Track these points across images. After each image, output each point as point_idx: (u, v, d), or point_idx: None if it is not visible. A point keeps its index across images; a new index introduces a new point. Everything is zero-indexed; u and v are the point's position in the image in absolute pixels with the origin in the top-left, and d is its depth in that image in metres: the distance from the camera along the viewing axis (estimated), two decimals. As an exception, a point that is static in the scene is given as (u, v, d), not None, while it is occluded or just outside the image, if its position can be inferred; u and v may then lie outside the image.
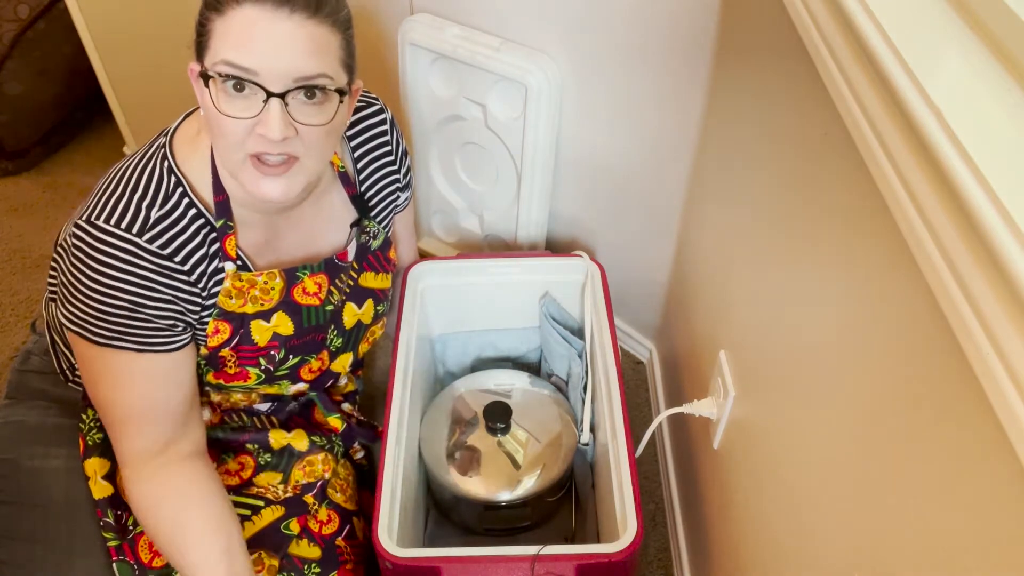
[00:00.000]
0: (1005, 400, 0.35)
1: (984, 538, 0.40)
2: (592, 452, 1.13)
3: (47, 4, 1.80)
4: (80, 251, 0.76)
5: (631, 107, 1.18)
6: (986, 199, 0.38)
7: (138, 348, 0.79)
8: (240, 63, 0.69)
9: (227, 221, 0.82)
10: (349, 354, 1.00)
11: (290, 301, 0.89)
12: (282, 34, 0.69)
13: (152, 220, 0.77)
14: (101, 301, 0.76)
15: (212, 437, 0.96)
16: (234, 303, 0.85)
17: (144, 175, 0.79)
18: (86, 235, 0.76)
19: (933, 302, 0.45)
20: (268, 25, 0.69)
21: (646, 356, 1.52)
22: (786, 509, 0.72)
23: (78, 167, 2.02)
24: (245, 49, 0.69)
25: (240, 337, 0.87)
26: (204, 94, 0.73)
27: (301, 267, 0.90)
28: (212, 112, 0.72)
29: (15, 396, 0.98)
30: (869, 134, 0.50)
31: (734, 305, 0.93)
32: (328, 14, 0.72)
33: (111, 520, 0.88)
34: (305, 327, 0.92)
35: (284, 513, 0.92)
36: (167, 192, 0.79)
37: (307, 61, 0.71)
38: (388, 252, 1.03)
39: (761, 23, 0.84)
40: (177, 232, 0.79)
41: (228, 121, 0.71)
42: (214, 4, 0.70)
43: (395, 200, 1.02)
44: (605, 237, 1.40)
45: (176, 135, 0.83)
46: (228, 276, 0.83)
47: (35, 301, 1.63)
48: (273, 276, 0.87)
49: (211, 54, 0.71)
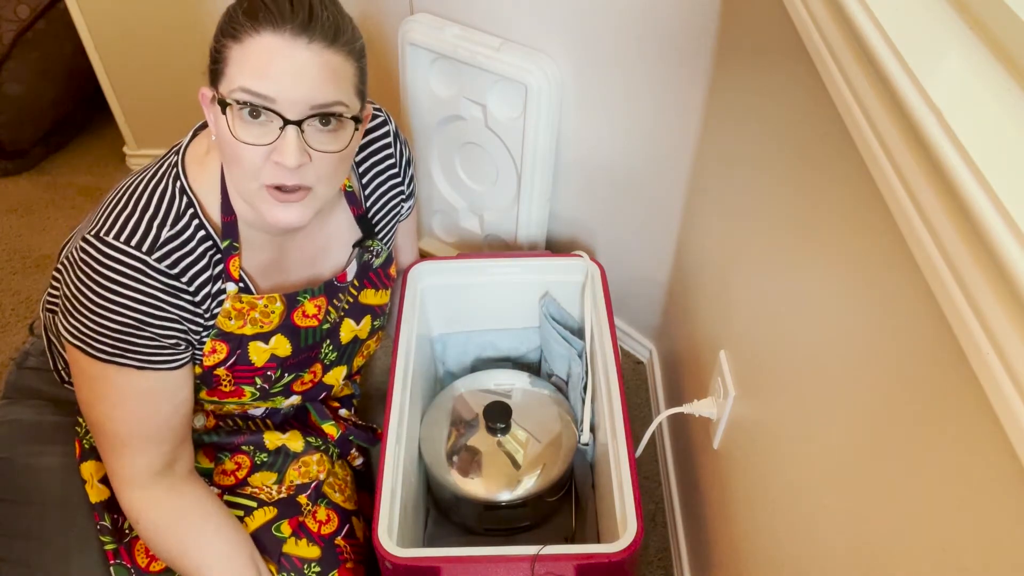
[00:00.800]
0: (1005, 400, 0.35)
1: (984, 538, 0.40)
2: (592, 452, 1.13)
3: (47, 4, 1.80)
4: (87, 266, 0.76)
5: (631, 107, 1.18)
6: (986, 199, 0.38)
7: (140, 366, 0.79)
8: (258, 90, 0.70)
9: (232, 242, 0.82)
10: (343, 367, 1.00)
11: (289, 324, 0.90)
12: (300, 63, 0.70)
13: (162, 240, 0.77)
14: (106, 317, 0.76)
15: (208, 441, 0.96)
16: (233, 324, 0.85)
17: (156, 193, 0.78)
18: (94, 251, 0.76)
19: (933, 302, 0.45)
20: (287, 53, 0.70)
21: (646, 356, 1.52)
22: (786, 509, 0.72)
23: (78, 167, 2.02)
24: (263, 77, 0.70)
25: (237, 357, 0.87)
26: (219, 121, 0.73)
27: (302, 291, 0.90)
28: (228, 139, 0.73)
29: (12, 396, 0.98)
30: (869, 134, 0.50)
31: (734, 305, 0.93)
32: (344, 43, 0.73)
33: (108, 524, 0.88)
34: (302, 347, 0.92)
35: (276, 514, 0.92)
36: (178, 212, 0.78)
37: (324, 89, 0.72)
38: (389, 269, 1.03)
39: (761, 23, 0.84)
40: (185, 253, 0.79)
41: (244, 148, 0.72)
42: (231, 31, 0.71)
43: (399, 211, 1.02)
44: (605, 237, 1.40)
45: (188, 153, 0.82)
46: (229, 297, 0.83)
47: (35, 301, 1.64)
48: (274, 300, 0.87)
49: (227, 81, 0.71)
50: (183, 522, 0.84)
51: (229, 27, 0.71)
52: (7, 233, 1.82)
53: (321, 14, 0.71)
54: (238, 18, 0.70)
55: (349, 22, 0.75)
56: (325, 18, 0.71)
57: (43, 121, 1.97)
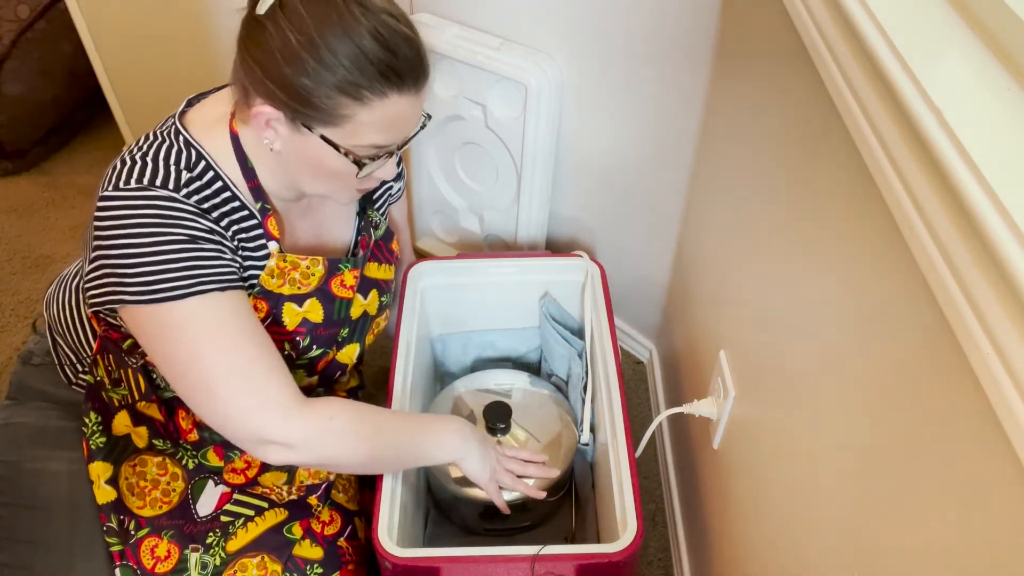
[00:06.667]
0: (1005, 400, 0.35)
1: (984, 538, 0.40)
2: (592, 452, 1.13)
3: (47, 4, 1.80)
4: (116, 218, 0.74)
5: (631, 107, 1.18)
6: (986, 199, 0.38)
7: (221, 285, 0.76)
8: (386, 143, 0.79)
9: (264, 204, 0.83)
10: (356, 345, 1.00)
11: (326, 290, 0.91)
12: (417, 109, 0.80)
13: (184, 179, 0.77)
14: (160, 253, 0.73)
15: (219, 439, 0.96)
16: (274, 283, 0.86)
17: (163, 148, 0.79)
18: (117, 201, 0.74)
19: (933, 302, 0.45)
20: (411, 108, 0.78)
21: (646, 356, 1.52)
22: (786, 509, 0.72)
23: (78, 167, 2.02)
24: (392, 132, 0.79)
25: (272, 318, 0.87)
26: (310, 146, 0.77)
27: (344, 260, 0.92)
28: (330, 168, 0.79)
29: (16, 397, 0.98)
30: (869, 134, 0.50)
31: (734, 305, 0.93)
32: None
33: (114, 525, 0.88)
34: (334, 319, 0.93)
35: (287, 516, 0.92)
36: (191, 162, 0.79)
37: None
38: (391, 243, 1.05)
39: (762, 23, 0.84)
40: (209, 195, 0.79)
41: (348, 175, 0.81)
42: (352, 92, 0.73)
43: (389, 190, 1.05)
44: (605, 237, 1.40)
45: (186, 123, 0.82)
46: (273, 255, 0.84)
47: (35, 301, 1.64)
48: (317, 263, 0.89)
49: (349, 135, 0.77)
50: (341, 415, 0.80)
51: (349, 87, 0.73)
52: (7, 233, 1.82)
53: (429, 66, 0.78)
54: (361, 81, 0.73)
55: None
56: (429, 66, 0.78)
57: (43, 121, 1.97)
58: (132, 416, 0.92)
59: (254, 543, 0.89)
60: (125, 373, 0.91)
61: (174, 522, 0.89)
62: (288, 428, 0.77)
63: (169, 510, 0.90)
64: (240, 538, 0.89)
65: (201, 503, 0.91)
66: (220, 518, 0.90)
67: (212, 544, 0.88)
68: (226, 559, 0.87)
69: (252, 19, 0.75)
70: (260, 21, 0.73)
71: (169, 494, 0.91)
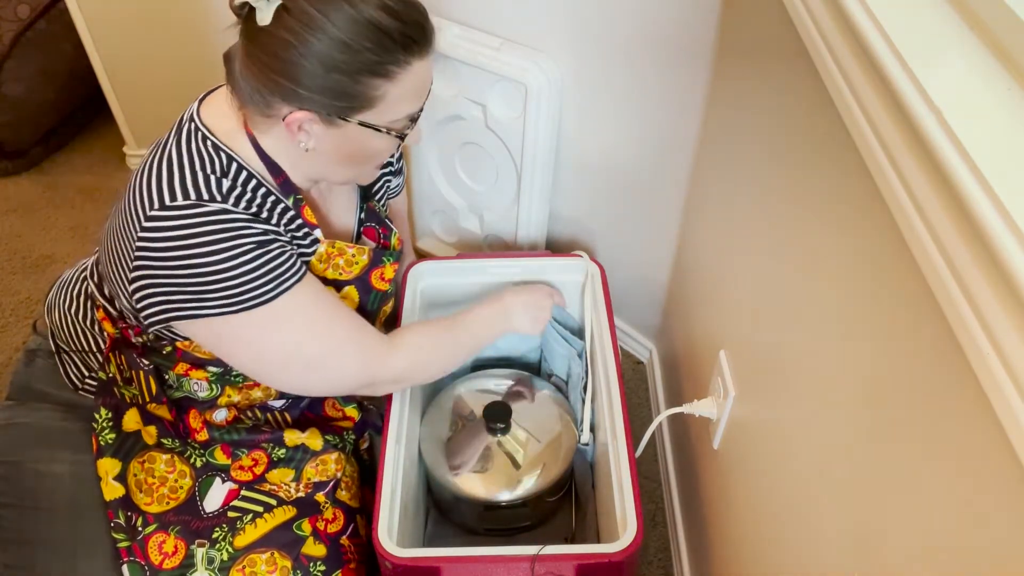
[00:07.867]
0: (1005, 400, 0.35)
1: (984, 538, 0.40)
2: (592, 452, 1.13)
3: (47, 4, 1.80)
4: (174, 238, 0.74)
5: (631, 107, 1.18)
6: (986, 199, 0.38)
7: (298, 275, 0.80)
8: (416, 111, 0.82)
9: (296, 195, 0.86)
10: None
11: (366, 280, 0.94)
12: (431, 66, 0.82)
13: (226, 187, 0.78)
14: (236, 267, 0.75)
15: (228, 439, 0.96)
16: (321, 267, 0.89)
17: (193, 154, 0.79)
18: (170, 221, 0.74)
19: (933, 302, 0.45)
20: (429, 68, 0.81)
21: (646, 356, 1.52)
22: (786, 509, 0.72)
23: (78, 167, 2.02)
24: (420, 98, 0.82)
25: None
26: (349, 137, 0.79)
27: (387, 253, 0.96)
28: (367, 150, 0.83)
29: (18, 398, 0.98)
30: (869, 134, 0.50)
31: (734, 305, 0.93)
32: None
33: (122, 521, 0.88)
34: (368, 308, 0.96)
35: (296, 514, 0.92)
36: (223, 167, 0.79)
37: None
38: (392, 238, 1.05)
39: (762, 23, 0.84)
40: (252, 198, 0.80)
41: (385, 151, 0.85)
42: (379, 71, 0.75)
43: (388, 183, 1.07)
44: (605, 237, 1.40)
45: (206, 123, 0.82)
46: (322, 241, 0.87)
47: (35, 301, 1.63)
48: (362, 252, 0.92)
49: (382, 112, 0.78)
50: (425, 328, 0.95)
51: (377, 67, 0.75)
52: (7, 233, 1.82)
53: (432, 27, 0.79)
54: (386, 58, 0.74)
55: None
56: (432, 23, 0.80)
57: (43, 121, 1.97)
58: (142, 415, 0.93)
59: (263, 539, 0.89)
60: (136, 375, 0.91)
61: (181, 518, 0.89)
62: (392, 367, 0.90)
63: (176, 506, 0.90)
64: (248, 534, 0.89)
65: (208, 499, 0.92)
66: (227, 514, 0.90)
67: (219, 539, 0.88)
68: (234, 554, 0.87)
69: (256, 31, 0.73)
70: (268, 32, 0.72)
71: (177, 491, 0.91)
